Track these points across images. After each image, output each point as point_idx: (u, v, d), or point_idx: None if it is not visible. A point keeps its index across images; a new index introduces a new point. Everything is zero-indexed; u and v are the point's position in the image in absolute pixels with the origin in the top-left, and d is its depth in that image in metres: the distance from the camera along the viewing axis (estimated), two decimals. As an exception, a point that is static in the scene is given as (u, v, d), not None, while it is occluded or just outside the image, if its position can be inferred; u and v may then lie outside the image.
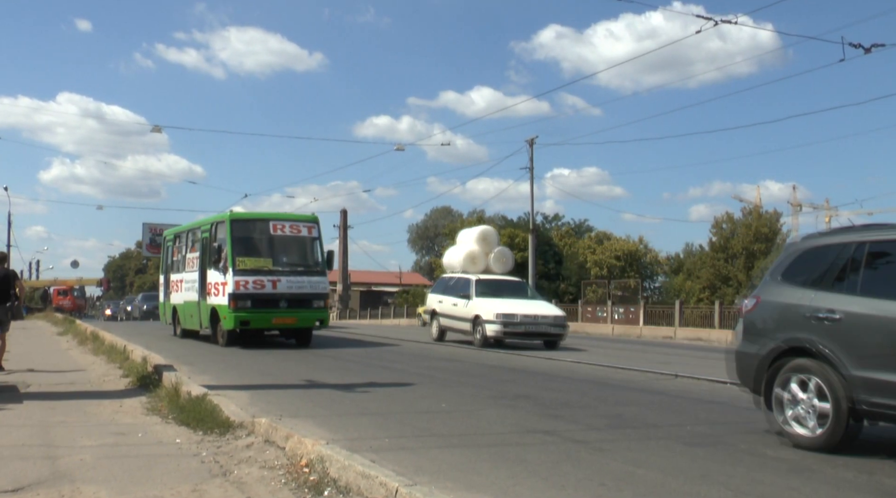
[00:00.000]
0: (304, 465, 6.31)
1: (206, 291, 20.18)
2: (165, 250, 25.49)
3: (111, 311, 54.86)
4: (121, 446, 7.41)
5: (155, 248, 62.96)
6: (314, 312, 19.56)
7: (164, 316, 25.23)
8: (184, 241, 23.12)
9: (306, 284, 19.37)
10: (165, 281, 24.85)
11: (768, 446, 7.49)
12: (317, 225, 20.52)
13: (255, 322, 18.99)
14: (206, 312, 20.35)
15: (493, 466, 6.48)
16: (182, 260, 23.00)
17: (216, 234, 20.01)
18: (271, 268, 19.20)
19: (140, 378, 11.87)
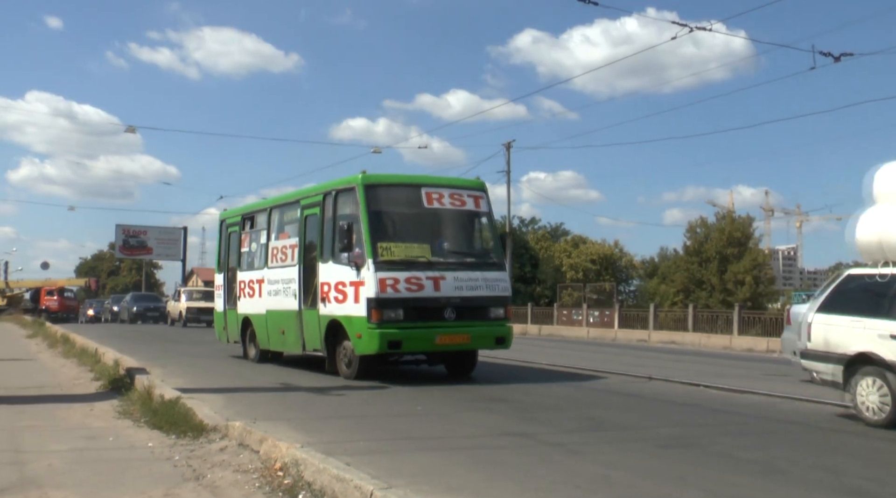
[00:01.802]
0: (279, 468, 6.27)
1: (317, 296, 13.43)
2: (225, 240, 17.95)
3: (94, 311, 51.43)
4: (91, 451, 7.32)
5: (128, 249, 62.45)
6: (492, 325, 12.87)
7: (225, 331, 17.76)
8: (264, 224, 15.99)
9: (481, 282, 12.80)
10: (226, 282, 17.71)
11: (740, 449, 7.55)
12: (486, 195, 13.82)
13: (411, 342, 12.33)
14: (315, 326, 13.50)
15: (469, 469, 6.47)
16: (261, 251, 16.05)
17: (337, 208, 13.35)
18: (430, 258, 12.63)
19: (112, 381, 11.75)
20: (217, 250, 18.78)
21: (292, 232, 14.79)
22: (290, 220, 15.06)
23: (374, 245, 12.27)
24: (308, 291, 13.81)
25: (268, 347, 15.72)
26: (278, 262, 15.06)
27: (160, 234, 61.81)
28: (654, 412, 9.95)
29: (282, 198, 16.19)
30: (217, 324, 18.55)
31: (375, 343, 11.99)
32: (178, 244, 62.04)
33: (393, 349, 12.25)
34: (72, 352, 17.61)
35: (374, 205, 12.69)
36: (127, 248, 62.29)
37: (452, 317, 12.37)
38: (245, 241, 16.89)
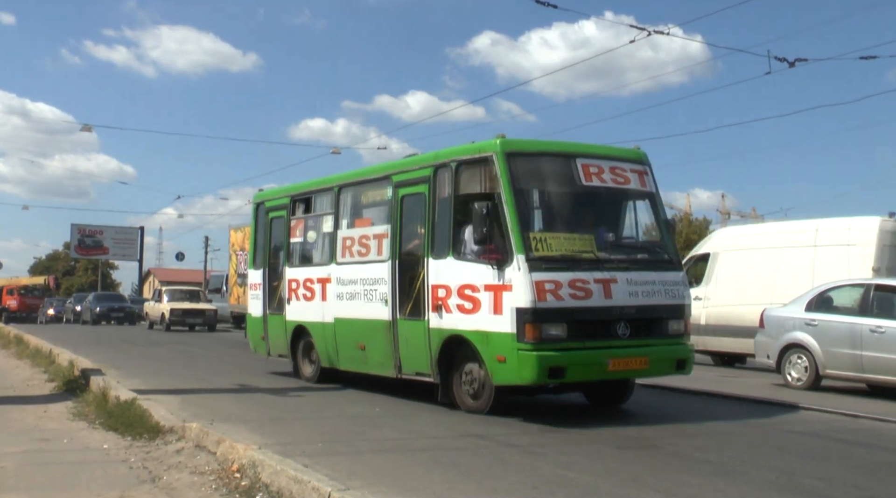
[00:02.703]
0: (236, 470, 6.24)
1: (424, 303, 10.09)
2: (264, 228, 14.26)
3: (55, 311, 48.89)
4: (45, 453, 7.22)
5: (84, 249, 61.51)
6: (671, 344, 9.82)
7: (265, 342, 14.01)
8: (329, 207, 12.42)
9: (658, 286, 9.72)
10: (266, 280, 13.95)
11: (696, 449, 7.66)
12: (650, 170, 10.54)
13: (578, 369, 9.11)
14: (422, 343, 10.15)
15: (427, 471, 6.49)
16: (324, 242, 12.54)
17: (459, 186, 9.87)
18: (596, 254, 9.48)
19: (66, 383, 11.59)
20: (252, 241, 14.87)
21: (378, 217, 11.35)
22: (372, 202, 11.70)
23: (524, 235, 9.08)
24: (406, 295, 10.41)
25: (334, 364, 12.13)
26: (354, 256, 11.60)
27: (116, 234, 60.99)
28: (610, 414, 10.03)
29: (357, 174, 12.38)
30: (252, 332, 14.73)
31: (531, 370, 8.74)
32: (135, 244, 61.29)
33: (555, 379, 8.93)
34: (25, 352, 17.31)
35: (520, 180, 9.47)
36: (83, 247, 61.35)
37: (626, 333, 9.30)
38: (296, 229, 13.21)
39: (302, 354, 13.01)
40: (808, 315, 12.67)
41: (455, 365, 9.82)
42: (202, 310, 30.83)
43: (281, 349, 13.49)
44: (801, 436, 8.77)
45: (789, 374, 12.78)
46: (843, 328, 12.13)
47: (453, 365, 9.84)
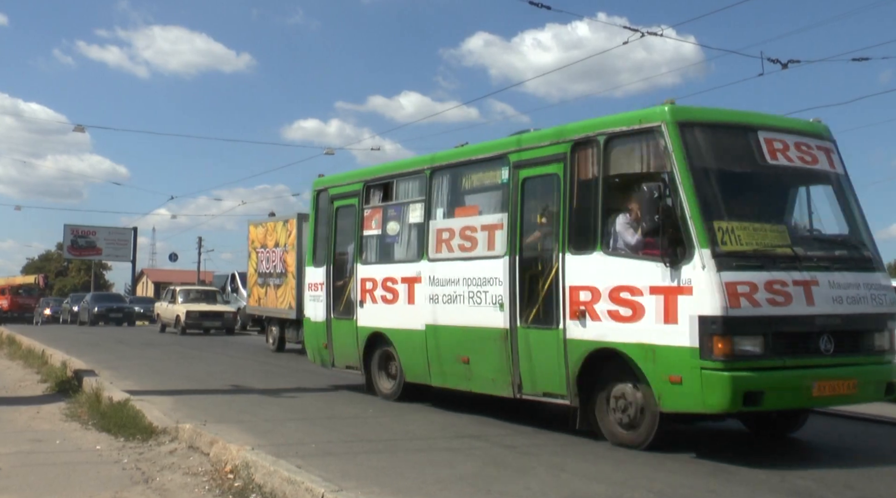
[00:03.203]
0: (229, 471, 6.23)
1: (558, 306, 8.32)
2: (327, 218, 12.29)
3: (52, 311, 47.75)
4: (38, 454, 7.21)
5: (77, 249, 61.30)
6: (878, 362, 7.97)
7: (328, 350, 12.01)
8: (418, 194, 10.58)
9: (862, 291, 7.91)
10: (329, 279, 12.03)
11: (689, 450, 7.67)
12: (836, 147, 8.72)
13: (777, 395, 7.33)
14: (555, 356, 8.36)
15: (420, 471, 6.50)
16: (411, 234, 10.71)
17: (609, 165, 8.15)
18: (794, 250, 7.75)
19: (59, 383, 11.57)
20: (311, 234, 12.79)
21: (489, 205, 9.58)
22: (480, 187, 9.87)
23: (708, 225, 7.32)
24: (529, 298, 8.64)
25: (424, 380, 10.31)
26: (454, 251, 9.79)
27: (110, 235, 60.80)
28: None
29: (457, 154, 10.23)
30: (311, 339, 12.61)
31: (721, 395, 7.01)
32: (128, 245, 61.10)
33: (750, 406, 7.13)
34: (17, 353, 17.27)
35: (697, 157, 7.65)
36: (76, 248, 61.14)
37: (830, 349, 7.48)
38: (371, 219, 11.24)
39: (378, 367, 11.08)
40: None
41: (599, 386, 7.99)
42: (220, 312, 28.87)
43: (349, 360, 11.53)
44: (793, 437, 8.78)
45: None
46: None
47: (596, 385, 8.01)
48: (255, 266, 21.60)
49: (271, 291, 20.25)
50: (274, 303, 20.07)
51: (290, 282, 19.09)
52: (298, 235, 18.38)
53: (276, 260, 20.11)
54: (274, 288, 20.11)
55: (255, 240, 21.90)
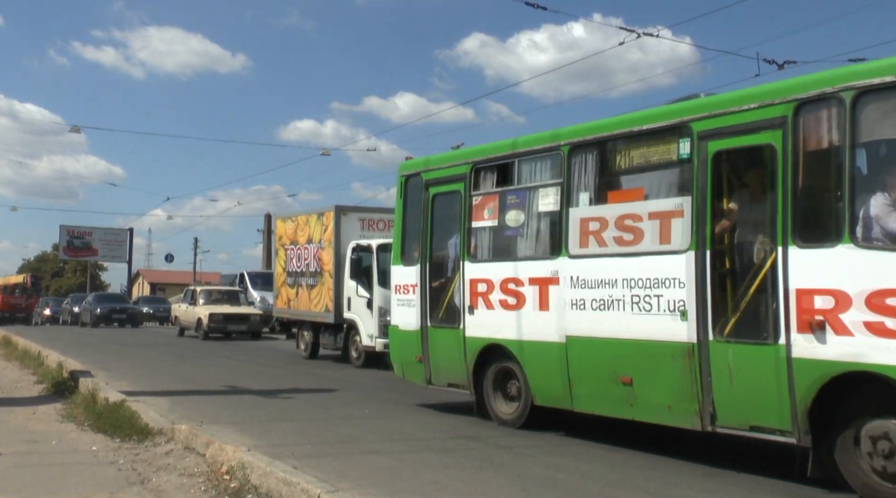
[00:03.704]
0: (225, 472, 6.23)
1: (791, 318, 6.32)
2: (421, 208, 10.30)
3: (51, 311, 46.88)
4: (33, 454, 7.20)
5: (73, 250, 61.21)
6: None
7: (424, 365, 10.11)
8: (549, 176, 8.77)
9: None
10: (424, 280, 10.14)
11: (685, 452, 7.68)
12: None
13: None
14: (779, 381, 6.38)
15: (416, 472, 6.50)
16: (539, 225, 8.95)
17: (861, 124, 6.13)
18: None
19: (55, 384, 11.55)
20: (397, 227, 10.74)
21: (659, 187, 7.76)
22: (642, 165, 7.96)
23: None
24: (726, 303, 6.88)
25: (564, 404, 8.35)
26: (606, 245, 7.96)
27: (105, 236, 60.73)
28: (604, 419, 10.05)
29: (608, 125, 8.28)
30: (399, 352, 10.51)
31: None
32: (124, 246, 61.03)
33: None
34: (13, 354, 17.24)
35: None
36: (72, 249, 61.05)
37: None
38: (483, 208, 9.39)
39: (493, 386, 9.22)
40: None
41: (842, 420, 6.19)
42: (245, 314, 26.13)
43: (452, 376, 9.72)
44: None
45: None
46: None
47: (837, 420, 6.22)
48: (284, 265, 19.44)
49: (303, 291, 18.43)
50: (307, 305, 18.26)
51: (326, 281, 17.28)
52: (336, 230, 17.01)
53: (310, 258, 18.18)
54: (307, 288, 18.27)
55: (282, 236, 19.78)
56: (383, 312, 14.55)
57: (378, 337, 15.23)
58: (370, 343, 15.66)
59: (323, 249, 17.62)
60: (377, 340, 15.29)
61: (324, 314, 17.41)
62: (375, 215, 17.74)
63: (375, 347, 15.41)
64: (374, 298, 15.55)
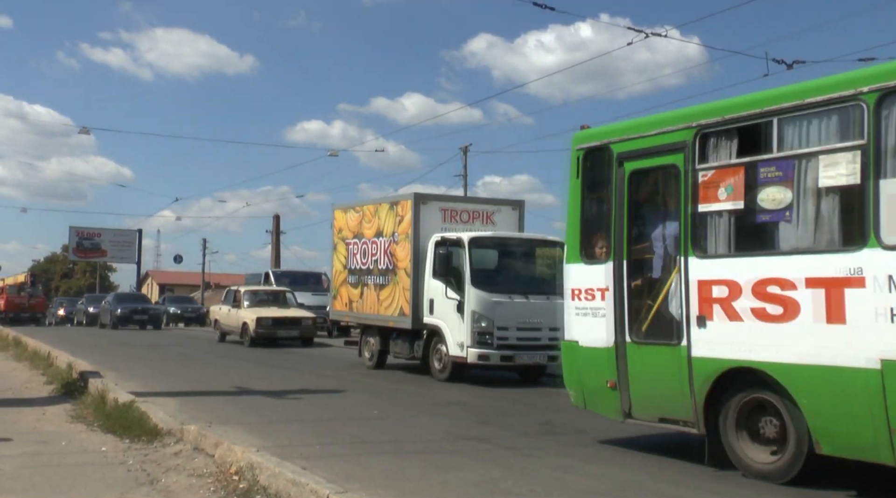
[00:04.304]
0: (234, 472, 6.25)
1: None
2: (615, 187, 7.94)
3: (65, 311, 45.51)
4: (43, 455, 7.22)
5: (82, 251, 61.47)
6: None
7: (626, 393, 7.69)
8: (832, 134, 6.37)
9: None
10: (623, 279, 7.83)
11: (695, 455, 7.66)
12: None
13: None
14: None
15: (425, 473, 6.50)
16: (819, 204, 6.44)
17: None
18: None
19: (65, 385, 11.59)
20: (575, 213, 8.46)
21: None
22: None
23: None
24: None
25: (874, 455, 6.03)
26: None
27: (114, 237, 60.96)
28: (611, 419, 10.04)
29: None
30: (578, 375, 8.26)
31: None
32: (133, 246, 61.24)
33: None
34: (23, 355, 17.31)
35: None
36: (81, 250, 61.32)
37: None
38: (717, 186, 7.14)
39: (736, 424, 6.89)
40: None
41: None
42: (297, 318, 23.02)
43: (669, 409, 7.42)
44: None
45: None
46: None
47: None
48: (345, 261, 16.99)
49: (370, 292, 15.98)
50: (374, 307, 15.77)
51: (401, 281, 14.89)
52: (415, 222, 14.66)
53: (379, 253, 15.77)
54: (375, 289, 15.76)
55: (343, 228, 17.31)
56: (478, 318, 13.00)
57: (471, 346, 13.01)
58: (459, 353, 13.23)
59: (397, 243, 15.16)
60: (469, 350, 13.02)
61: (397, 318, 14.92)
62: (459, 205, 15.42)
63: (467, 357, 13.08)
64: (468, 301, 13.14)
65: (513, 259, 14.61)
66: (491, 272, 13.90)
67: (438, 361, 13.96)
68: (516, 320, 13.14)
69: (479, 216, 15.19)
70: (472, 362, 13.15)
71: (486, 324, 12.99)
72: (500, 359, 13.04)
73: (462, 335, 13.24)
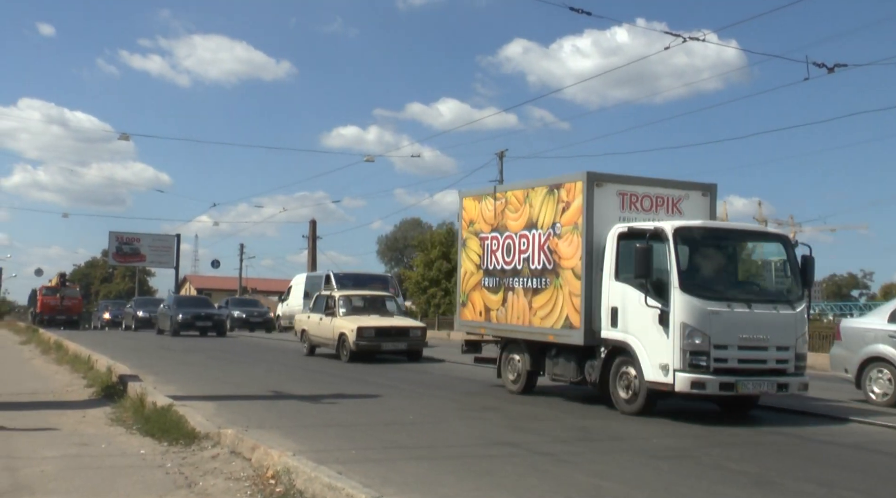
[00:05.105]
0: (271, 476, 6.28)
1: None
2: None
3: (111, 314, 43.89)
4: (83, 457, 7.32)
5: (122, 256, 62.24)
6: None
7: None
8: None
9: None
10: None
11: (732, 460, 7.57)
12: None
13: None
14: None
15: (459, 479, 6.49)
16: None
17: None
18: None
19: (104, 388, 11.74)
20: None
21: None
22: None
23: None
24: None
25: None
26: None
27: (153, 242, 61.66)
28: (645, 422, 9.95)
29: None
30: None
31: None
32: (172, 251, 61.88)
33: None
34: (64, 358, 17.58)
35: None
36: (120, 255, 62.09)
37: None
38: None
39: None
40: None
41: None
42: (405, 328, 19.32)
43: None
44: (842, 448, 8.63)
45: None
46: None
47: None
48: (479, 260, 13.74)
49: (517, 298, 12.59)
50: (524, 317, 12.40)
51: (566, 284, 11.55)
52: (588, 209, 11.33)
53: (532, 249, 12.42)
54: (525, 293, 12.41)
55: (475, 220, 14.01)
56: (690, 332, 9.82)
57: (680, 369, 9.82)
58: (661, 378, 10.02)
59: (560, 236, 11.82)
60: (678, 375, 9.81)
61: (561, 331, 11.66)
62: (640, 188, 11.73)
63: (674, 384, 9.87)
64: (674, 311, 9.95)
65: (728, 257, 11.24)
66: (703, 273, 10.76)
67: (625, 389, 10.63)
68: (737, 337, 9.96)
69: (664, 203, 11.77)
70: (680, 390, 9.87)
71: (700, 340, 9.78)
72: (720, 387, 9.79)
73: (665, 355, 10.00)
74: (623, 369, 10.69)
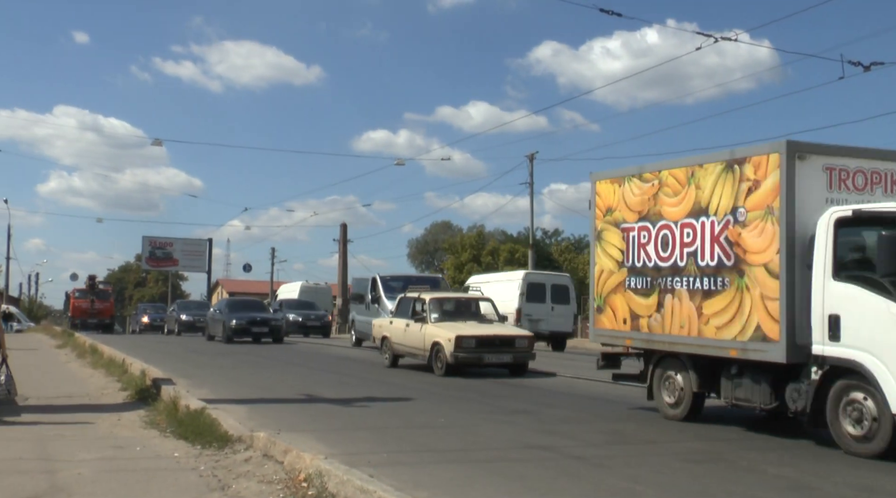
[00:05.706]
0: (303, 479, 6.30)
1: None
2: None
3: (149, 318, 42.46)
4: (119, 460, 7.40)
5: (155, 261, 63.02)
6: None
7: None
8: None
9: None
10: None
11: (769, 464, 7.48)
12: None
13: None
14: None
15: (491, 482, 6.47)
16: None
17: None
18: None
19: (138, 391, 11.85)
20: None
21: None
22: None
23: None
24: None
25: None
26: None
27: (186, 246, 62.37)
28: (679, 426, 9.86)
29: None
30: None
31: None
32: (204, 256, 62.55)
33: None
34: (99, 362, 17.78)
35: None
36: (153, 259, 62.88)
37: None
38: None
39: None
40: None
41: None
42: (510, 338, 16.43)
43: None
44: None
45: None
46: None
47: None
48: (620, 256, 11.22)
49: (680, 303, 10.08)
50: (690, 326, 9.90)
51: (756, 284, 9.06)
52: (787, 189, 8.87)
53: (701, 242, 9.93)
54: (692, 297, 9.89)
55: (614, 207, 11.43)
56: None
57: None
58: None
59: (745, 224, 9.35)
60: None
61: (749, 344, 9.10)
62: (852, 162, 9.19)
63: None
64: None
65: None
66: None
67: (856, 424, 7.92)
68: None
69: (881, 180, 9.24)
70: None
71: None
72: None
73: None
74: (851, 396, 8.04)
